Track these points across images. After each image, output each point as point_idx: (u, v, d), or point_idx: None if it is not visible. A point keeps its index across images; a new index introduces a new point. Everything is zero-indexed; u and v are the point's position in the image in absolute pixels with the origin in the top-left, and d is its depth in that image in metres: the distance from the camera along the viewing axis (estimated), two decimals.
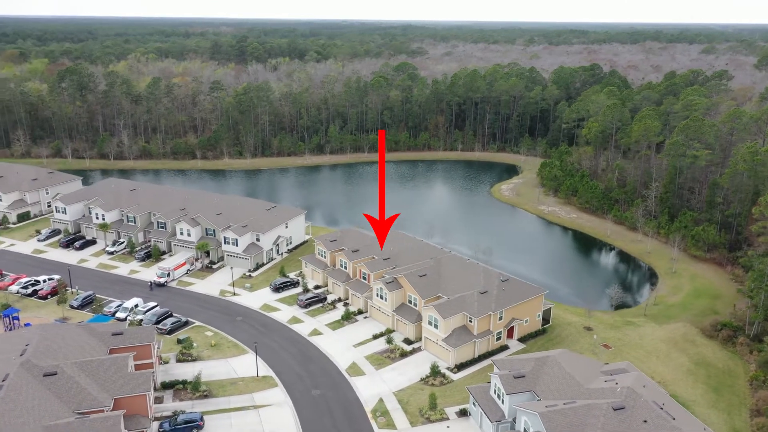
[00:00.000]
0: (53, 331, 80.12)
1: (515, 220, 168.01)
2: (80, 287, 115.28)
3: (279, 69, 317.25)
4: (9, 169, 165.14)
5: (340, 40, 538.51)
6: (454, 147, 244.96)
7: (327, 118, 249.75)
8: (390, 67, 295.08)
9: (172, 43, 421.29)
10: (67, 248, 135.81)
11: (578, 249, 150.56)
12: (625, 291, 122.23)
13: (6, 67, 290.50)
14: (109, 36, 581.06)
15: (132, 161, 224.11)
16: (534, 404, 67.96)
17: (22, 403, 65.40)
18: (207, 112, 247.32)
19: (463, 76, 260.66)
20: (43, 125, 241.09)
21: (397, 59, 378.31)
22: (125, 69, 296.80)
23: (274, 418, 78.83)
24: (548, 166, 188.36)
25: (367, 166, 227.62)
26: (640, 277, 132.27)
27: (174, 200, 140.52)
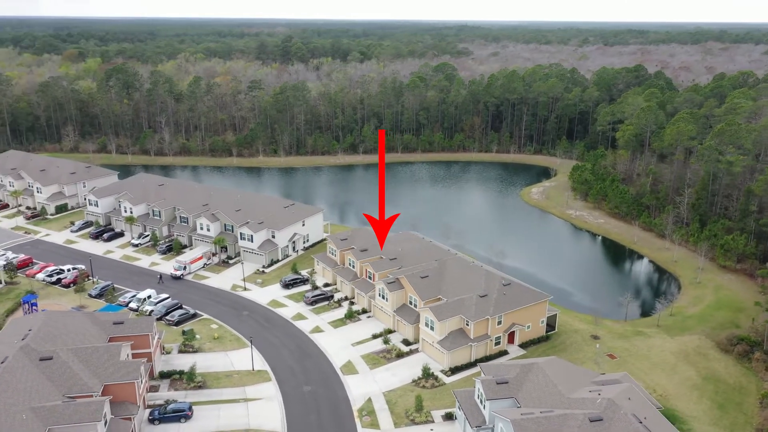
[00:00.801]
0: (57, 318, 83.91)
1: (540, 224, 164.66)
2: (101, 277, 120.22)
3: (320, 69, 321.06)
4: (51, 163, 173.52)
5: (390, 40, 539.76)
6: (489, 148, 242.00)
7: (362, 118, 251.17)
8: (429, 67, 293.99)
9: (221, 44, 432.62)
10: (96, 239, 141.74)
11: (601, 255, 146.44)
12: (643, 300, 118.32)
13: (62, 66, 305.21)
14: (168, 36, 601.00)
15: (171, 157, 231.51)
16: (509, 411, 66.73)
17: (15, 384, 68.85)
18: (246, 111, 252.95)
19: (502, 77, 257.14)
20: (92, 122, 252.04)
21: (440, 60, 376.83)
22: (173, 68, 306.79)
23: (262, 412, 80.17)
24: (579, 170, 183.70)
25: (399, 166, 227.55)
26: (661, 287, 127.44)
27: (198, 196, 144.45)
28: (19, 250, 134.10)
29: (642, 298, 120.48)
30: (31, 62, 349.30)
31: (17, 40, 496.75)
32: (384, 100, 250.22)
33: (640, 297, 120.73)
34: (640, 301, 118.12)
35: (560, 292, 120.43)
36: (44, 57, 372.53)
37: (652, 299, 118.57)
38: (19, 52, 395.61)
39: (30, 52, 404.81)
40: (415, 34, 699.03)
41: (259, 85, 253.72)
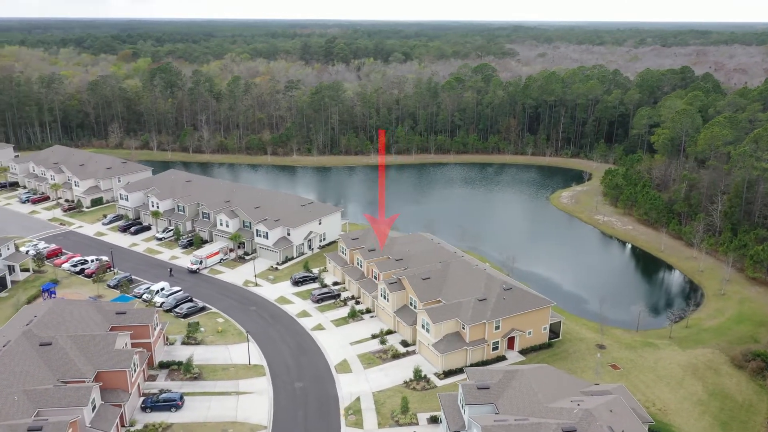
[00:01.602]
0: (64, 306, 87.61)
1: (565, 229, 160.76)
2: (123, 269, 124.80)
3: (361, 69, 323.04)
4: (90, 159, 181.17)
5: (440, 41, 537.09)
6: (523, 151, 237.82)
7: (398, 119, 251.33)
8: (468, 68, 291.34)
9: (267, 44, 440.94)
10: (124, 232, 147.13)
11: (624, 263, 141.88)
12: (660, 310, 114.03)
13: (114, 66, 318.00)
14: (225, 37, 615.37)
15: (209, 155, 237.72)
16: (483, 417, 65.67)
17: (13, 367, 72.38)
18: (284, 110, 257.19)
19: (541, 79, 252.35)
20: (138, 119, 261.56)
21: (483, 61, 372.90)
22: (217, 68, 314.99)
23: (251, 406, 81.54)
24: (611, 174, 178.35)
25: (431, 167, 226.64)
26: (683, 297, 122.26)
27: (221, 193, 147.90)
28: (52, 241, 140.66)
29: (660, 308, 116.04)
30: (88, 62, 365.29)
31: (80, 41, 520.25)
32: (419, 100, 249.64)
33: (658, 307, 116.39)
34: (657, 311, 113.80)
35: (574, 299, 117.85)
36: (100, 57, 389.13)
37: (670, 309, 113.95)
38: (79, 53, 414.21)
39: (89, 52, 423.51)
40: (466, 35, 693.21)
41: (296, 84, 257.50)
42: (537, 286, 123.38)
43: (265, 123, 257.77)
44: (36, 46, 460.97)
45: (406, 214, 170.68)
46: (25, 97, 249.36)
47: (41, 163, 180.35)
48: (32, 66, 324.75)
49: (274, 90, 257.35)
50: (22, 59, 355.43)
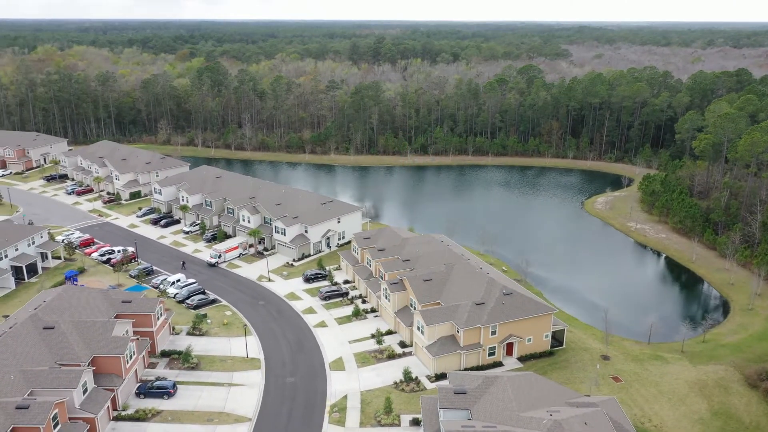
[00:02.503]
0: (73, 292, 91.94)
1: (595, 235, 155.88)
2: (148, 260, 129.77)
3: (407, 69, 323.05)
4: (132, 153, 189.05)
5: (497, 41, 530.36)
6: (564, 154, 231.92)
7: (438, 120, 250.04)
8: (513, 69, 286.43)
9: (317, 45, 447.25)
10: (155, 225, 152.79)
11: (650, 272, 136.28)
12: (678, 322, 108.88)
13: (168, 65, 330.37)
14: (285, 37, 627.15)
15: (250, 152, 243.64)
16: (451, 422, 64.78)
17: (15, 348, 76.65)
18: (325, 110, 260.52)
19: (587, 80, 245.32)
20: (187, 117, 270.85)
21: (536, 62, 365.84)
22: (266, 68, 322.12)
23: (240, 398, 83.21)
24: (649, 180, 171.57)
25: (469, 169, 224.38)
26: (707, 310, 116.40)
27: (247, 189, 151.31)
28: (88, 231, 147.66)
29: (680, 320, 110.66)
30: (147, 61, 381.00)
31: (146, 41, 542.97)
32: (460, 101, 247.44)
33: (677, 319, 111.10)
34: (675, 324, 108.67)
35: (590, 307, 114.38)
36: (160, 56, 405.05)
37: (690, 322, 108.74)
38: (141, 52, 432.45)
39: (151, 52, 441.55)
40: (525, 35, 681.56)
41: (338, 84, 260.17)
42: (552, 292, 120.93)
43: (307, 122, 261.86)
44: (104, 46, 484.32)
45: (432, 215, 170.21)
46: (83, 94, 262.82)
47: (88, 157, 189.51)
48: (95, 65, 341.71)
49: (317, 90, 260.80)
50: (87, 58, 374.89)
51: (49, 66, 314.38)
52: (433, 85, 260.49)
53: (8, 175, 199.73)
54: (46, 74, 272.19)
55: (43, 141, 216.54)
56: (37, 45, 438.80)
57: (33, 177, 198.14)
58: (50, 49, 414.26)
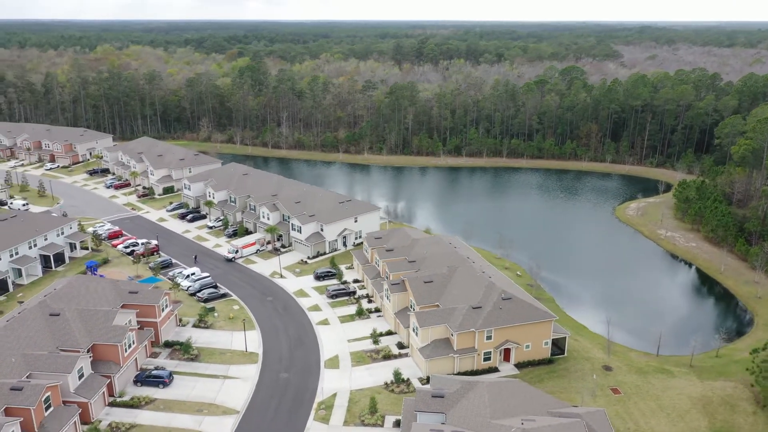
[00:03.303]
0: (83, 281, 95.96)
1: (621, 242, 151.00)
2: (169, 253, 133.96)
3: (449, 70, 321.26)
4: (168, 150, 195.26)
5: (549, 42, 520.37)
6: (602, 158, 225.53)
7: (473, 121, 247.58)
8: (555, 70, 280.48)
9: (362, 45, 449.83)
10: (182, 220, 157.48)
11: (674, 282, 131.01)
12: (692, 335, 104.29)
13: (214, 65, 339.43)
14: (339, 37, 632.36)
15: (285, 150, 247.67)
16: (422, 425, 64.35)
17: (20, 332, 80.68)
18: (363, 110, 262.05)
19: (630, 82, 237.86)
20: (228, 115, 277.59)
21: (582, 63, 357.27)
22: (308, 68, 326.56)
23: (232, 391, 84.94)
24: (684, 187, 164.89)
25: (503, 172, 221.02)
26: (729, 324, 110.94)
27: (271, 186, 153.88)
28: (119, 223, 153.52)
29: (695, 332, 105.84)
30: (198, 60, 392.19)
31: (201, 41, 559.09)
32: (498, 102, 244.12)
33: (692, 331, 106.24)
34: (688, 336, 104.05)
35: (602, 316, 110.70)
36: (210, 56, 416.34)
37: (706, 335, 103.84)
38: (193, 52, 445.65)
39: (203, 51, 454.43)
40: (580, 36, 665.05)
41: (374, 84, 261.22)
42: (566, 299, 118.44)
43: (344, 121, 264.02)
44: (160, 45, 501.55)
45: (456, 217, 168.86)
46: (132, 92, 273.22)
47: (128, 153, 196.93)
48: (147, 64, 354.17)
49: (353, 89, 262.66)
50: (142, 58, 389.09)
51: (104, 65, 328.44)
52: (470, 85, 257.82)
53: (55, 168, 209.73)
54: (97, 73, 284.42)
55: (90, 136, 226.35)
56: (98, 45, 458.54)
57: (78, 171, 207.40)
58: (108, 48, 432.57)
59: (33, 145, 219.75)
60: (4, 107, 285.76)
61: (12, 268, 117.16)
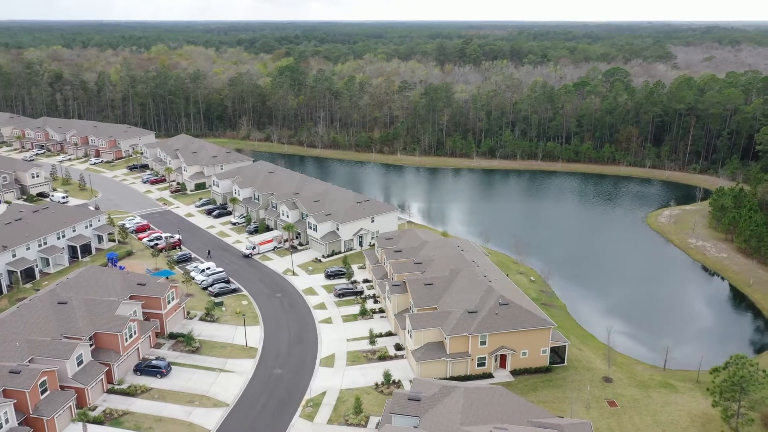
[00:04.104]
0: (95, 272, 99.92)
1: (647, 250, 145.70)
2: (192, 247, 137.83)
3: (490, 71, 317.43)
4: (203, 147, 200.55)
5: (602, 43, 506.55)
6: (641, 163, 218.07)
7: (509, 122, 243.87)
8: (598, 72, 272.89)
9: (406, 45, 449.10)
10: (208, 215, 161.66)
11: (698, 293, 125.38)
12: (707, 350, 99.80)
13: (258, 64, 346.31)
14: (392, 38, 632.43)
15: (320, 150, 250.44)
16: (391, 428, 64.03)
17: (28, 318, 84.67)
18: (399, 110, 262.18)
19: (674, 85, 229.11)
20: (269, 114, 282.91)
21: (631, 65, 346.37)
22: (350, 68, 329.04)
23: (226, 384, 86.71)
24: (720, 194, 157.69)
25: (539, 175, 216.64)
26: (750, 340, 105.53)
27: (293, 185, 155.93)
28: (149, 217, 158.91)
29: (709, 347, 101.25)
30: (246, 60, 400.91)
31: (253, 41, 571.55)
32: (535, 105, 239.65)
33: (707, 346, 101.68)
34: (701, 351, 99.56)
35: (613, 325, 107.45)
36: (259, 56, 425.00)
37: (723, 352, 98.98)
38: (243, 52, 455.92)
39: (252, 51, 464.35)
40: (637, 36, 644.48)
41: (409, 85, 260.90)
42: (578, 306, 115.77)
43: (381, 121, 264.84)
44: (212, 46, 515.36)
45: (479, 219, 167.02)
46: (177, 90, 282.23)
47: (165, 149, 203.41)
48: (196, 63, 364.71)
49: (390, 90, 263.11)
50: (192, 57, 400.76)
51: (155, 64, 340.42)
52: (506, 87, 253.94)
53: (99, 163, 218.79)
54: (144, 72, 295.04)
55: (133, 133, 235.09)
56: (152, 45, 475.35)
57: (119, 166, 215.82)
58: (162, 48, 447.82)
59: (80, 141, 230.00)
60: (60, 104, 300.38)
61: (40, 257, 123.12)
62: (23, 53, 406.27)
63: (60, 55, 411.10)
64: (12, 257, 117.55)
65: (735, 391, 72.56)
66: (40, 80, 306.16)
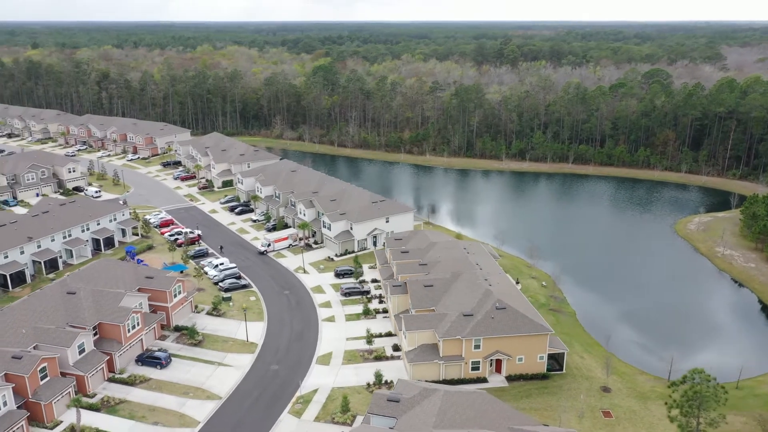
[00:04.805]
0: (106, 265, 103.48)
1: (670, 258, 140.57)
2: (211, 243, 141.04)
3: (529, 71, 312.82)
4: (232, 145, 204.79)
5: (651, 43, 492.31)
6: (677, 168, 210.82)
7: (541, 124, 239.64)
8: (637, 73, 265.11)
9: (443, 46, 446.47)
10: (231, 212, 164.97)
11: (717, 304, 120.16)
12: (722, 364, 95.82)
13: (296, 64, 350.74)
14: (437, 38, 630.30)
15: (350, 149, 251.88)
16: (364, 427, 64.09)
17: (37, 307, 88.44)
18: (431, 111, 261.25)
19: (716, 87, 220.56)
20: (303, 113, 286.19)
21: (676, 66, 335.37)
22: (386, 68, 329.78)
23: (222, 377, 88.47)
24: (752, 201, 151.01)
25: (570, 179, 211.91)
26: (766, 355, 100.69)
27: (314, 183, 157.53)
28: (175, 213, 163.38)
29: (722, 361, 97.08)
30: (286, 60, 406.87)
31: (297, 41, 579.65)
32: (568, 106, 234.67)
33: (720, 360, 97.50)
34: (713, 365, 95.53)
35: (621, 334, 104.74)
36: (300, 56, 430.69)
37: (738, 366, 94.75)
38: (284, 52, 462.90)
39: (294, 52, 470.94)
40: (690, 36, 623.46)
41: (441, 86, 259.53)
42: (590, 312, 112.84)
43: (413, 122, 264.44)
44: (255, 46, 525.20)
45: (499, 222, 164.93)
46: (216, 89, 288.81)
47: (197, 147, 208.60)
48: (237, 63, 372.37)
49: (422, 91, 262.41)
50: (234, 57, 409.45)
51: (197, 64, 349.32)
52: (541, 88, 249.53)
53: (136, 159, 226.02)
54: (183, 71, 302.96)
55: (170, 131, 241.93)
56: (198, 46, 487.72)
57: (154, 162, 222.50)
58: (206, 49, 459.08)
59: (119, 138, 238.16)
60: (105, 102, 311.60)
61: (64, 249, 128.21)
62: (76, 53, 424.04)
63: (110, 55, 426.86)
64: (37, 248, 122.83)
65: (692, 407, 69.88)
66: (87, 79, 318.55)
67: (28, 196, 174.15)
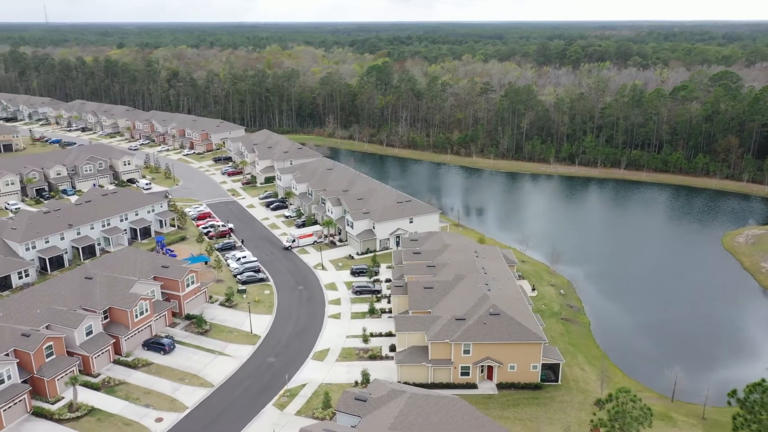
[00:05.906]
0: (126, 253, 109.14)
1: (710, 272, 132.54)
2: (238, 237, 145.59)
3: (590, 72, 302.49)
4: (278, 143, 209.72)
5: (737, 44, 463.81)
6: (738, 177, 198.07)
7: (594, 128, 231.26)
8: (704, 75, 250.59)
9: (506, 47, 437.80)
10: (267, 208, 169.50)
11: (751, 323, 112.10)
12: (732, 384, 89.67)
13: (355, 64, 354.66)
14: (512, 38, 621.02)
15: (398, 149, 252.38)
16: (317, 424, 64.71)
17: (56, 289, 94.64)
18: (483, 111, 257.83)
19: None
20: (356, 112, 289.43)
21: (754, 68, 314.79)
22: (442, 69, 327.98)
23: (219, 366, 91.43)
24: None
25: (622, 185, 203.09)
26: None
27: (345, 181, 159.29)
28: (215, 206, 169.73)
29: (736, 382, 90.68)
30: (349, 60, 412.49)
31: (364, 41, 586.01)
32: (625, 110, 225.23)
33: (736, 381, 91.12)
34: (727, 386, 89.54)
35: (629, 347, 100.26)
36: (363, 56, 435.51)
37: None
38: (348, 52, 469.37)
39: (358, 52, 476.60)
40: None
41: (491, 87, 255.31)
42: (607, 324, 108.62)
43: (464, 123, 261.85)
44: (322, 46, 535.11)
45: (532, 228, 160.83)
46: (274, 88, 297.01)
47: (245, 143, 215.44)
48: (301, 63, 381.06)
49: (473, 92, 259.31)
50: (298, 57, 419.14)
51: (260, 63, 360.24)
52: (594, 90, 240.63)
53: (191, 154, 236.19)
54: (244, 70, 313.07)
55: (225, 127, 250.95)
56: (267, 46, 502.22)
57: (207, 157, 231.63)
58: (274, 48, 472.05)
59: (178, 133, 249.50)
60: (172, 99, 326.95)
61: (102, 237, 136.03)
62: (153, 53, 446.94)
63: (183, 55, 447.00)
64: (77, 235, 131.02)
65: (614, 427, 66.56)
66: (157, 77, 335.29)
67: (85, 187, 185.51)
